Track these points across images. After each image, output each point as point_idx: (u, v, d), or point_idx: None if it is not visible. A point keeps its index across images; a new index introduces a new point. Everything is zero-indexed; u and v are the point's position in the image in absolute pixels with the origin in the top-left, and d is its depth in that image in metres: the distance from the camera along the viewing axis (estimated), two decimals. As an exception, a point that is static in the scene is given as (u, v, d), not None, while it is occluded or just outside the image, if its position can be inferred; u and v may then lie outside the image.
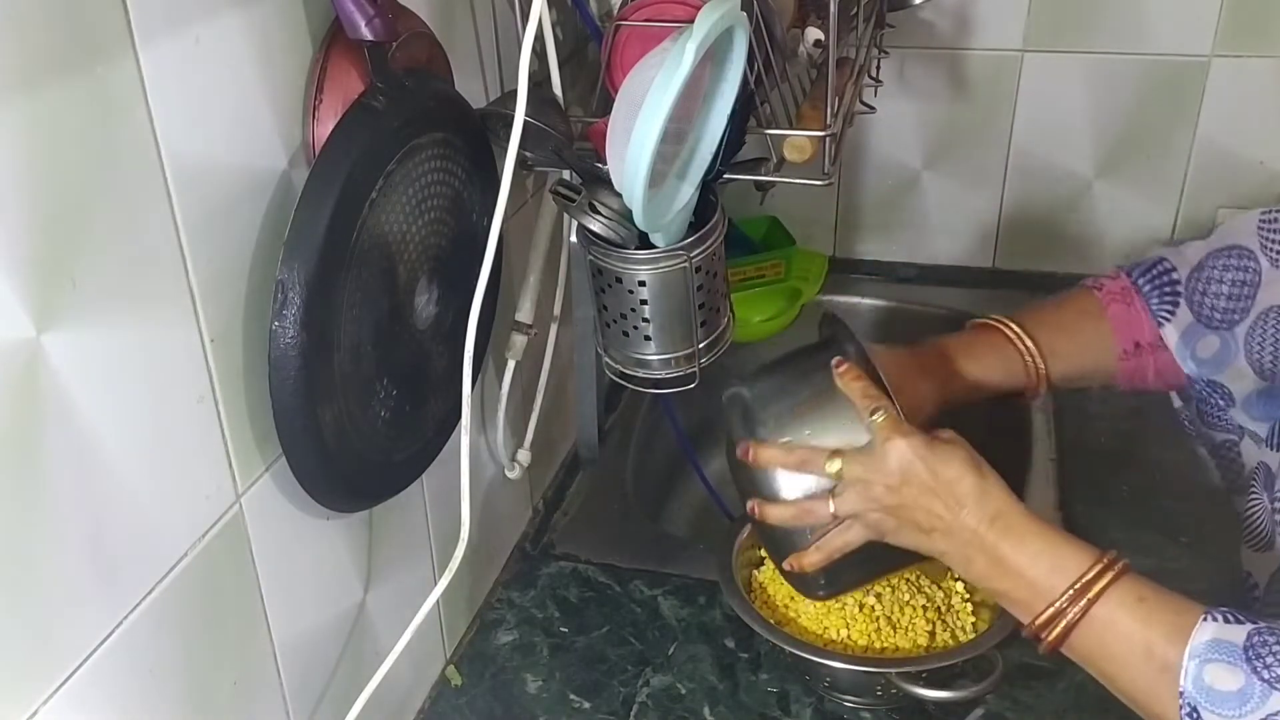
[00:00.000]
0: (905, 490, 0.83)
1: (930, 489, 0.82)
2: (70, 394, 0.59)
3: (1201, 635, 0.73)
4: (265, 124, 0.73)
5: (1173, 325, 1.00)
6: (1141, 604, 0.76)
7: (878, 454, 0.84)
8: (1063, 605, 0.78)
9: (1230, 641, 0.72)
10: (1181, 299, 1.00)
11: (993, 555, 0.81)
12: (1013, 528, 0.81)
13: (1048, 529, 0.82)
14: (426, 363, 0.88)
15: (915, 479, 0.82)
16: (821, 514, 0.88)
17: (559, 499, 1.33)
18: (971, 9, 1.56)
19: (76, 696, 0.62)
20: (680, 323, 0.94)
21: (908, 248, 1.73)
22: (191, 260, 0.67)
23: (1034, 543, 0.81)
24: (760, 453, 0.91)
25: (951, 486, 0.82)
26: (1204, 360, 0.98)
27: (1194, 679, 0.73)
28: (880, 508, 0.85)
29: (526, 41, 0.82)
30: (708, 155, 0.89)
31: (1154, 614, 0.76)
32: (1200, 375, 0.98)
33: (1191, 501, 1.22)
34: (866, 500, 0.85)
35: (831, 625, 1.02)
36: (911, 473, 0.82)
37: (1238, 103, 1.53)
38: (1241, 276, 0.95)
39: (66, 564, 0.61)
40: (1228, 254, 0.97)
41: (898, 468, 0.83)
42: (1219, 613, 0.74)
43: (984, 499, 0.82)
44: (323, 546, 0.87)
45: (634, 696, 1.06)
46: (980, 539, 0.81)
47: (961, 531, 0.82)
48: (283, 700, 0.83)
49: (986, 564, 0.82)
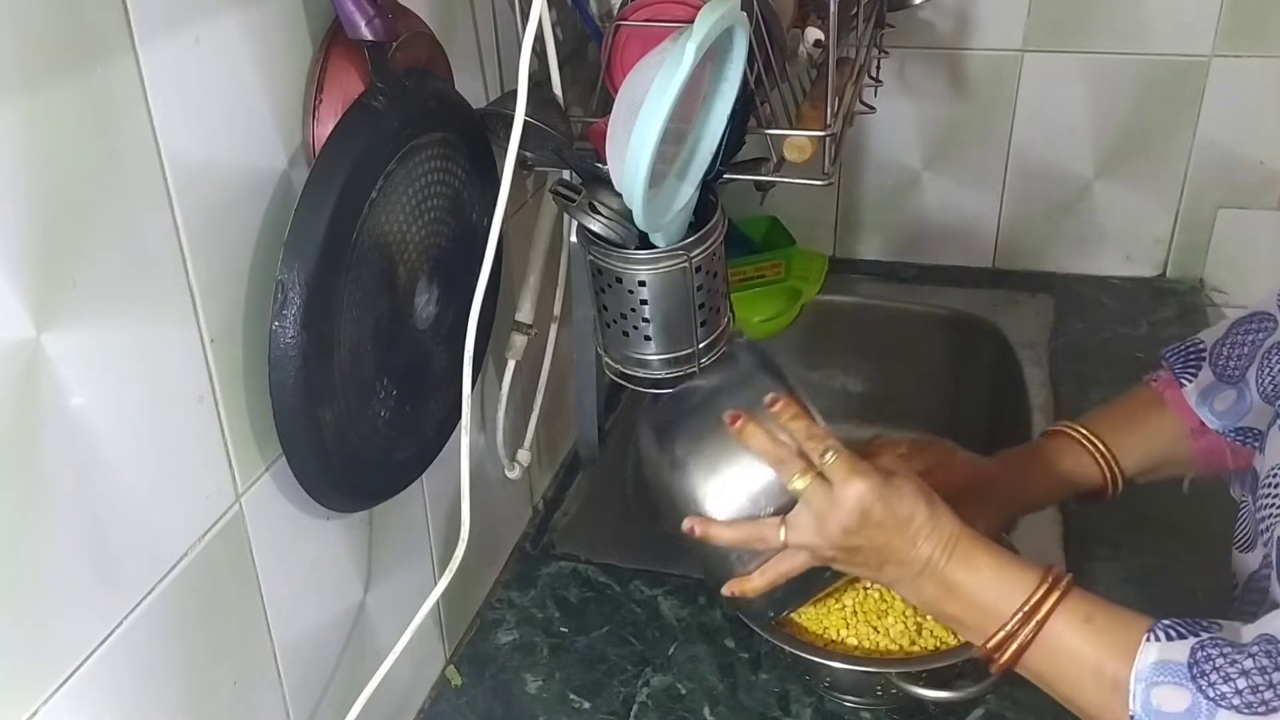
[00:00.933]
0: (864, 532, 0.83)
1: (887, 527, 0.83)
2: (70, 394, 0.59)
3: (1146, 657, 0.74)
4: (265, 124, 0.73)
5: (1193, 386, 1.02)
6: (1088, 624, 0.77)
7: (836, 496, 0.83)
8: (1013, 628, 0.79)
9: (1174, 661, 0.73)
10: (1205, 363, 1.02)
11: (944, 582, 0.82)
12: (964, 553, 0.82)
13: (995, 551, 0.83)
14: (426, 363, 0.88)
15: (873, 520, 0.82)
16: (772, 540, 0.87)
17: (559, 499, 1.33)
18: (971, 9, 1.56)
19: (76, 696, 0.62)
20: (680, 323, 0.94)
21: (908, 248, 1.73)
22: (191, 260, 0.67)
23: (984, 568, 0.82)
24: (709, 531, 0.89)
25: (907, 523, 0.82)
26: (1221, 413, 1.00)
27: (1142, 702, 0.73)
28: (835, 546, 0.84)
29: (526, 41, 0.82)
30: (708, 155, 0.89)
31: (1101, 633, 0.77)
32: (1225, 428, 1.00)
33: (1191, 501, 1.22)
34: (822, 536, 0.84)
35: (831, 625, 1.02)
36: (870, 514, 0.82)
37: (1238, 103, 1.53)
38: (1259, 338, 0.97)
39: (66, 564, 0.61)
40: (1249, 320, 0.99)
41: (856, 510, 0.82)
42: (1162, 629, 0.75)
43: (937, 529, 0.82)
44: (323, 546, 0.87)
45: (634, 696, 1.06)
46: (934, 567, 0.82)
47: (915, 563, 0.83)
48: (283, 700, 0.83)
49: (937, 590, 0.83)
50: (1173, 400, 1.04)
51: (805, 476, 0.84)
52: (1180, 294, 1.65)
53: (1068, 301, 1.64)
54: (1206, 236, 1.63)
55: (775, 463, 0.87)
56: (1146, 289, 1.66)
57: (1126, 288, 1.66)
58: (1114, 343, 1.55)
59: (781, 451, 0.87)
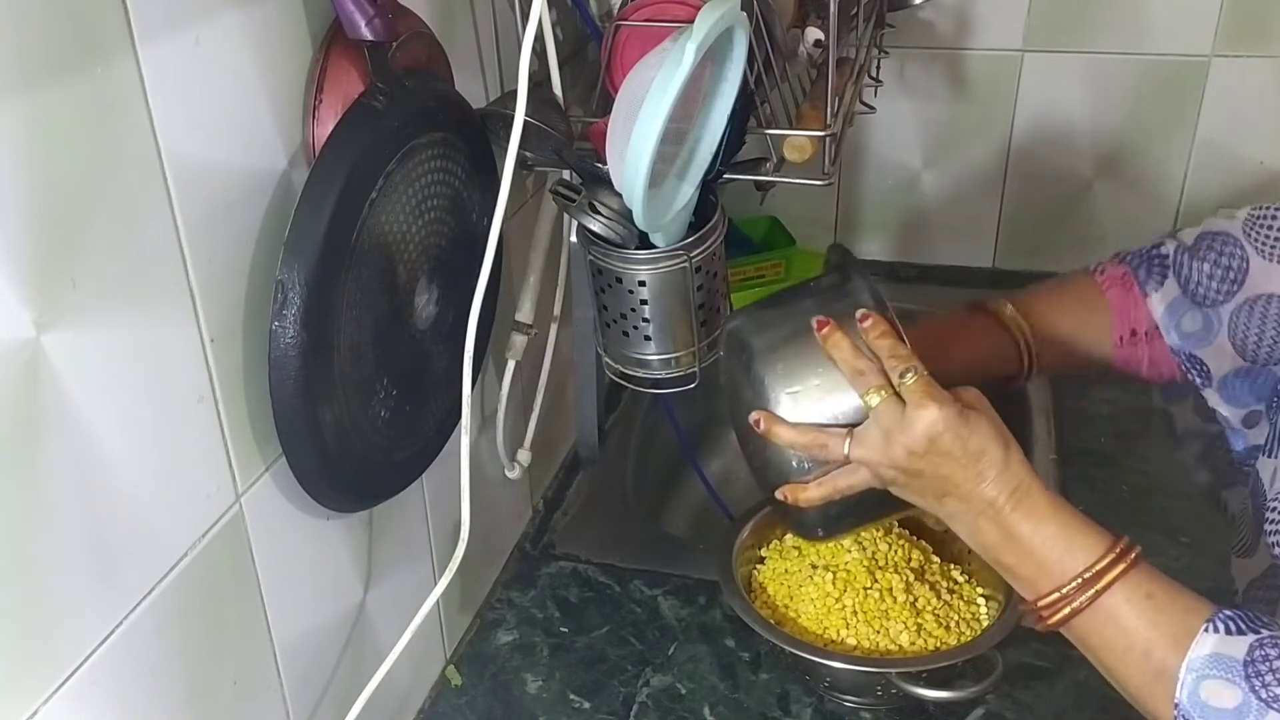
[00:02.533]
0: (929, 457, 0.81)
1: (954, 458, 0.80)
2: (70, 394, 0.59)
3: (1202, 648, 0.73)
4: (265, 124, 0.73)
5: (1159, 295, 1.00)
6: (1149, 601, 0.76)
7: (908, 418, 0.81)
8: (1070, 592, 0.77)
9: (1230, 656, 0.72)
10: (1170, 272, 1.00)
11: (1005, 528, 0.80)
12: (1031, 504, 0.80)
13: (1065, 510, 0.80)
14: (426, 363, 0.88)
15: (941, 448, 0.80)
16: (835, 451, 0.85)
17: (559, 499, 1.33)
18: (971, 9, 1.56)
19: (76, 696, 0.62)
20: (680, 323, 0.94)
21: (908, 248, 1.73)
22: (191, 260, 0.67)
23: (1049, 523, 0.79)
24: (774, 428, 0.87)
25: (977, 458, 0.80)
26: (1187, 334, 0.99)
27: (1190, 693, 0.72)
28: (898, 467, 0.82)
29: (526, 41, 0.82)
30: (708, 155, 0.89)
31: (1161, 614, 0.75)
32: (1183, 348, 0.99)
33: (1191, 502, 1.22)
34: (886, 455, 0.82)
35: (831, 625, 1.02)
36: (939, 443, 0.80)
37: (1238, 103, 1.53)
38: (1226, 261, 0.96)
39: (66, 564, 0.61)
40: (1213, 238, 0.98)
41: (925, 435, 0.80)
42: (1223, 619, 0.73)
43: (1006, 472, 0.80)
44: (323, 546, 0.87)
45: (634, 696, 1.06)
46: (996, 510, 0.80)
47: (978, 501, 0.81)
48: (283, 700, 0.83)
49: (997, 535, 0.81)
50: (1116, 300, 1.02)
51: (881, 392, 0.82)
52: (1180, 294, 1.64)
53: (1068, 301, 1.63)
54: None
55: (854, 374, 0.84)
56: (1146, 289, 1.66)
57: (1126, 287, 1.66)
58: (1114, 343, 1.55)
59: (862, 363, 0.84)
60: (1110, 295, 1.03)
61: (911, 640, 1.00)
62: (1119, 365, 1.04)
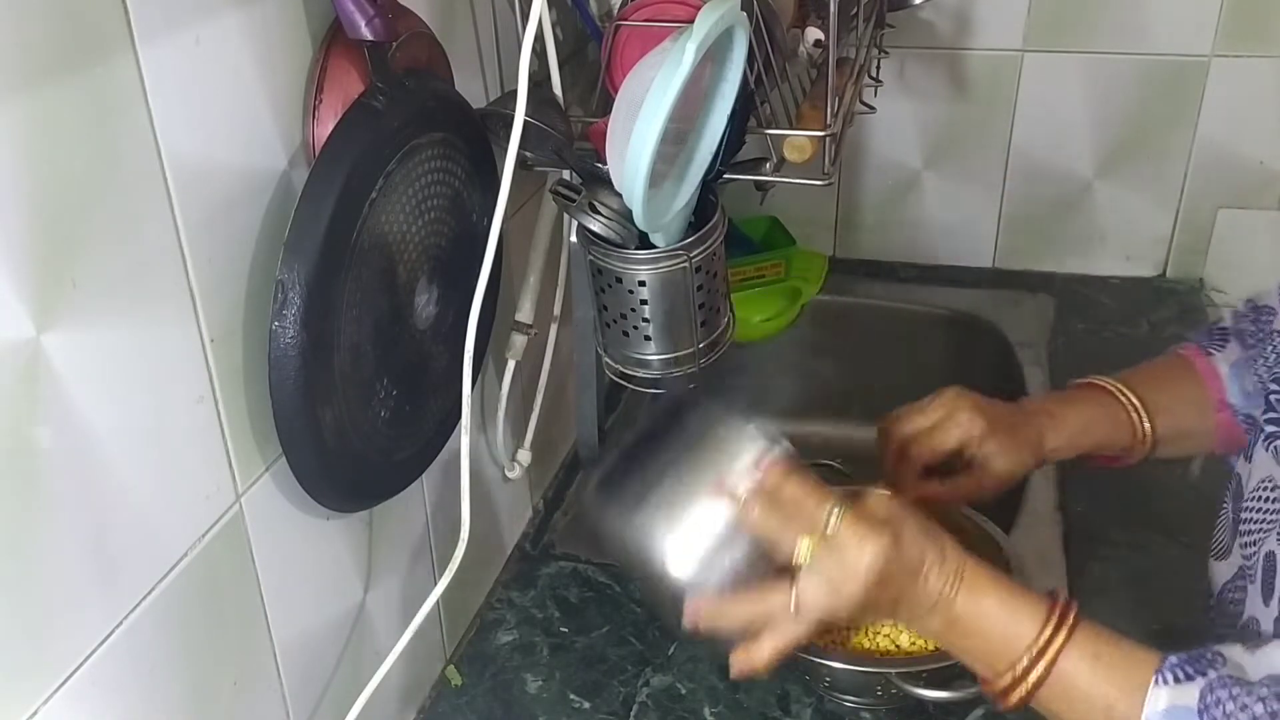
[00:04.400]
0: (878, 588, 0.78)
1: (900, 578, 0.79)
2: (70, 394, 0.59)
3: (1156, 703, 0.73)
4: (265, 124, 0.73)
5: (1222, 356, 1.01)
6: (1097, 662, 0.76)
7: (850, 563, 0.77)
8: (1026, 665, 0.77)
9: (1185, 706, 0.72)
10: (1230, 336, 1.01)
11: (951, 615, 0.80)
12: (971, 581, 0.80)
13: (1002, 581, 0.80)
14: (426, 363, 0.88)
15: (888, 576, 0.78)
16: (781, 615, 0.80)
17: (559, 499, 1.33)
18: (971, 9, 1.56)
19: (76, 696, 0.62)
20: (680, 323, 0.94)
21: (908, 248, 1.73)
22: (191, 260, 0.67)
23: (990, 597, 0.79)
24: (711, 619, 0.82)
25: (919, 567, 0.79)
26: (1249, 394, 0.98)
27: None
28: (850, 606, 0.79)
29: (526, 41, 0.82)
30: (708, 155, 0.89)
31: (1111, 671, 0.76)
32: (1244, 409, 0.99)
33: (1191, 502, 1.22)
34: (836, 602, 0.79)
35: (831, 625, 1.02)
36: (886, 572, 0.78)
37: (1238, 103, 1.53)
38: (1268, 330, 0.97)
39: (66, 564, 0.61)
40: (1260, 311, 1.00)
41: (874, 574, 0.77)
42: (1170, 669, 0.74)
43: (945, 564, 0.80)
44: (323, 546, 0.87)
45: (634, 696, 1.06)
46: (944, 601, 0.80)
47: (926, 600, 0.80)
48: (283, 700, 0.83)
49: (943, 623, 0.80)
50: (1203, 369, 1.02)
51: (807, 540, 0.79)
52: (1180, 294, 1.64)
53: (1068, 301, 1.63)
54: (1206, 236, 1.63)
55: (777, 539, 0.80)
56: (1146, 289, 1.66)
57: (1126, 288, 1.66)
58: (1114, 343, 1.55)
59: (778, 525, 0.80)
60: (1199, 365, 1.03)
61: (911, 640, 1.00)
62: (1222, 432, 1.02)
